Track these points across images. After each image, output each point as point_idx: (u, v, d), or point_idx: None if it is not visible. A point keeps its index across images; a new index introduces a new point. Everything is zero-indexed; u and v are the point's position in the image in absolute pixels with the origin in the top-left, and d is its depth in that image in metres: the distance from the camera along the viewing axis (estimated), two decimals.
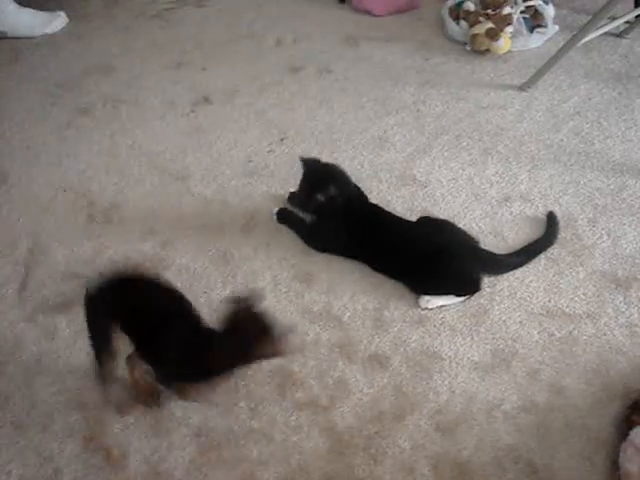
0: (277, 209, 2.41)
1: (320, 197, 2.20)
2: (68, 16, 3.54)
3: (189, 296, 2.11)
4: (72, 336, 2.19)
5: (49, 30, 3.49)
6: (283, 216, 2.40)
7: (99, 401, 2.01)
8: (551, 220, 2.31)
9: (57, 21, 3.51)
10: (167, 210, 2.53)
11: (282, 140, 2.73)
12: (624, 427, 1.78)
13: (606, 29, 2.87)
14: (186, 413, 1.96)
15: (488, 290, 2.15)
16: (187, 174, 2.65)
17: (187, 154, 2.73)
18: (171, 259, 2.36)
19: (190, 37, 3.41)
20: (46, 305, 2.28)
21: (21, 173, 2.75)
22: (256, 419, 1.93)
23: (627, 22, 3.07)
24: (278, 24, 3.43)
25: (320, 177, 2.25)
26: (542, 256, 2.21)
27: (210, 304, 2.20)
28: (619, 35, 3.10)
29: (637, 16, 3.03)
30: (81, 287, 1.82)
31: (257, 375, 2.02)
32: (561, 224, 2.29)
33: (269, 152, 2.69)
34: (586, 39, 2.69)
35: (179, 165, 2.69)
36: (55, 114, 3.02)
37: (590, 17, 2.68)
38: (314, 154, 2.58)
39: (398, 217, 2.29)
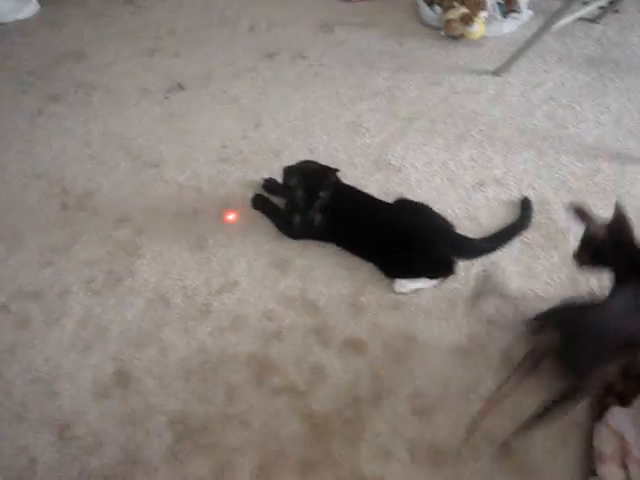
0: (252, 195, 2.39)
1: (323, 194, 2.20)
2: (40, 2, 3.51)
3: (165, 283, 2.11)
4: (45, 324, 2.17)
5: (21, 16, 3.46)
6: (258, 203, 2.39)
7: (73, 389, 2.01)
8: (525, 204, 2.32)
9: (29, 7, 3.48)
10: (141, 197, 2.52)
11: (256, 126, 2.72)
12: (598, 409, 1.80)
13: (579, 14, 2.88)
14: (162, 401, 1.95)
15: (463, 274, 2.15)
16: (161, 161, 2.64)
17: (161, 141, 2.72)
18: (146, 246, 2.34)
19: (163, 23, 3.38)
20: (20, 294, 2.27)
21: None
22: (232, 405, 1.93)
23: (600, 7, 3.09)
24: (252, 10, 3.42)
25: (314, 180, 2.23)
26: (517, 240, 2.22)
27: (185, 291, 2.19)
28: (592, 20, 3.11)
29: (610, 1, 3.05)
30: None
31: (233, 362, 2.02)
32: (535, 208, 2.30)
33: (243, 138, 2.68)
34: (560, 24, 2.70)
35: (153, 152, 2.68)
36: (27, 101, 2.99)
37: (563, 2, 2.69)
38: (288, 140, 2.59)
39: (374, 198, 2.30)
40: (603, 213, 2.21)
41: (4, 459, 1.90)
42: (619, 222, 1.75)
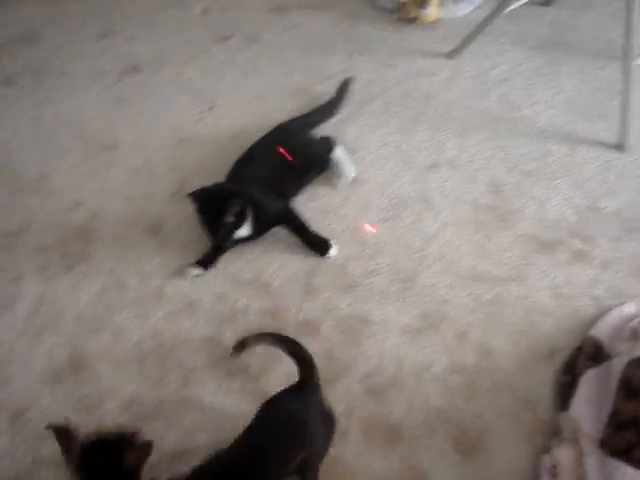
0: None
1: (229, 218, 2.12)
2: None
3: (120, 267, 2.11)
4: None
5: None
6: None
7: (26, 375, 1.99)
8: (343, 86, 2.63)
9: None
10: (95, 181, 2.50)
11: (211, 109, 2.70)
12: (561, 391, 1.82)
13: None
14: (116, 385, 1.95)
15: (417, 255, 2.17)
16: (115, 144, 2.62)
17: (115, 124, 2.69)
18: (100, 230, 2.33)
19: (117, 5, 3.35)
20: None
21: None
22: (187, 388, 1.93)
23: None
24: None
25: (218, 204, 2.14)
26: (470, 220, 2.24)
27: (140, 274, 2.19)
28: (545, 3, 3.13)
29: None
30: None
31: (187, 344, 2.02)
32: (489, 189, 2.32)
33: (198, 121, 2.66)
34: (513, 7, 2.72)
35: (107, 135, 2.65)
36: None
37: None
38: (244, 123, 2.59)
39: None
40: (554, 195, 2.26)
41: None
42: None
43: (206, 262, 2.20)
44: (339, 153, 2.38)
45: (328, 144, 2.40)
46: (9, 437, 1.88)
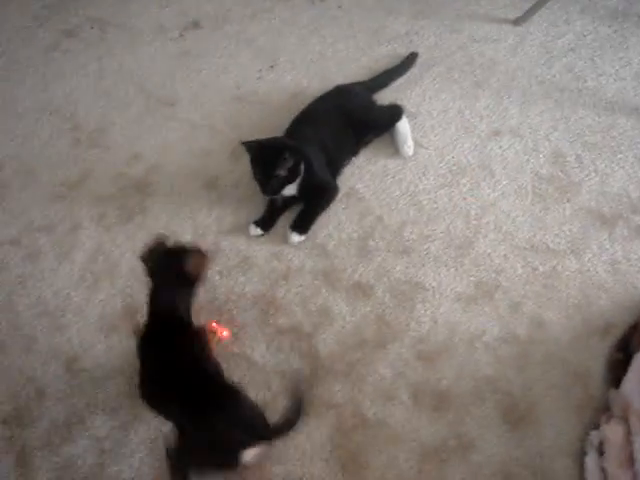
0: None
1: (281, 171, 2.11)
2: None
3: (175, 221, 2.13)
4: (56, 258, 2.20)
5: None
6: None
7: (81, 322, 2.03)
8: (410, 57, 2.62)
9: None
10: (154, 135, 2.51)
11: (272, 67, 2.69)
12: (613, 368, 1.81)
13: None
14: None
15: (474, 223, 2.15)
16: (175, 99, 2.62)
17: (175, 79, 2.70)
18: (158, 184, 2.35)
19: None
20: (31, 227, 2.28)
21: (5, 95, 2.72)
22: (238, 343, 1.95)
23: None
24: None
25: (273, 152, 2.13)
26: (530, 191, 2.21)
27: (196, 229, 2.20)
28: None
29: None
30: None
31: (240, 300, 2.04)
32: (550, 160, 2.28)
33: (258, 79, 2.65)
34: None
35: (167, 90, 2.66)
36: (41, 36, 2.97)
37: None
38: (304, 82, 2.57)
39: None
40: (617, 168, 2.22)
41: (13, 389, 1.95)
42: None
43: (265, 224, 2.20)
44: (403, 125, 2.36)
45: (396, 112, 2.38)
46: (64, 382, 1.93)
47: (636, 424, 1.60)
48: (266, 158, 2.11)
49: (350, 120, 2.29)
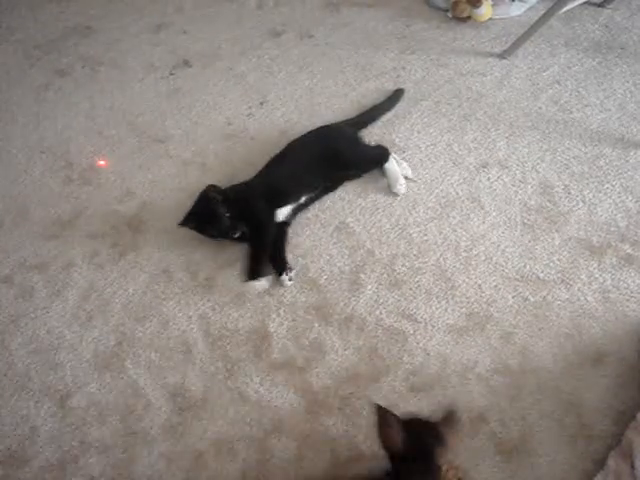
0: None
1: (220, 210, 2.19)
2: None
3: (169, 257, 2.14)
4: (49, 296, 2.21)
5: None
6: None
7: (75, 360, 2.04)
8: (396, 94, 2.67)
9: None
10: (146, 172, 2.53)
11: (262, 104, 2.72)
12: None
13: None
14: (162, 373, 1.98)
15: (464, 254, 2.16)
16: (166, 137, 2.64)
17: (166, 117, 2.72)
18: (150, 221, 2.36)
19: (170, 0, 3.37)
20: (23, 265, 2.29)
21: None
22: (232, 379, 1.95)
23: None
24: None
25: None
26: (519, 222, 2.22)
27: (188, 265, 2.21)
28: (600, 4, 3.09)
29: None
30: None
31: (234, 336, 2.04)
32: (538, 191, 2.30)
33: (248, 116, 2.68)
34: (567, 8, 2.68)
35: (158, 128, 2.68)
36: (33, 75, 3.00)
37: None
38: (294, 118, 2.60)
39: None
40: (605, 197, 2.24)
41: (6, 428, 1.95)
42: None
43: (259, 272, 2.17)
44: (392, 165, 2.37)
45: (383, 153, 2.39)
46: (57, 420, 1.93)
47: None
48: (203, 213, 2.20)
49: (330, 158, 2.31)
